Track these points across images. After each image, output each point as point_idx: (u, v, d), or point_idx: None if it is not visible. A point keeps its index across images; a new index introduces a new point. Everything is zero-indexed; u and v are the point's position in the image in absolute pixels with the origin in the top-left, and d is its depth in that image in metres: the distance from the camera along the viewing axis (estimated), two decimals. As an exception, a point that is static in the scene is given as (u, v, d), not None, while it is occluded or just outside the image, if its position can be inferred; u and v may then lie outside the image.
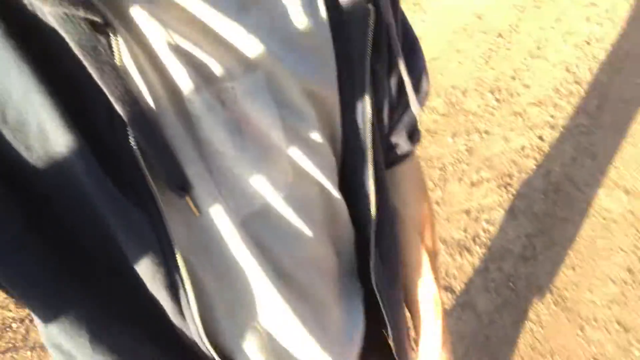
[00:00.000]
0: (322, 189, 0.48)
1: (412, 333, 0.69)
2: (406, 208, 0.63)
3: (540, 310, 1.67)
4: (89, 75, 0.33)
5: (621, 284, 1.67)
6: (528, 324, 1.64)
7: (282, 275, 0.47)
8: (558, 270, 1.77)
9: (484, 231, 1.99)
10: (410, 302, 0.67)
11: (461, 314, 1.73)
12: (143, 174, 0.36)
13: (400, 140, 0.57)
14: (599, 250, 1.79)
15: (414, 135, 0.58)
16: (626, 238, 1.80)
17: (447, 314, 1.74)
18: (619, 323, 1.57)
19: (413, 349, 0.70)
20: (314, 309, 0.51)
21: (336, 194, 0.49)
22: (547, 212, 1.97)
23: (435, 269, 0.66)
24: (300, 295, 0.49)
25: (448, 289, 1.82)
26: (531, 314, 1.67)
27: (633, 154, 2.07)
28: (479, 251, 1.92)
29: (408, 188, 0.63)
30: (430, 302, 0.65)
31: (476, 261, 1.89)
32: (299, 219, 0.47)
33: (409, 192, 0.64)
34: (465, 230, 2.02)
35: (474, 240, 1.97)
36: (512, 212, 2.02)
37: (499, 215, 2.03)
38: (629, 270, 1.70)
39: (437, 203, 2.13)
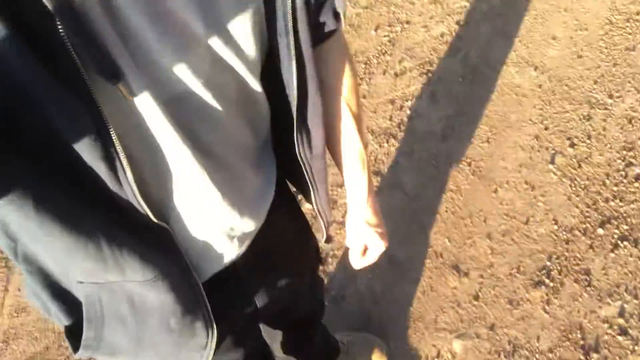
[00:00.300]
0: (239, 76, 0.54)
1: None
2: (333, 79, 0.70)
3: (460, 181, 1.85)
4: None
5: (529, 149, 1.87)
6: (449, 194, 1.82)
7: (202, 150, 0.54)
8: (475, 145, 1.94)
9: (409, 118, 2.12)
10: (339, 161, 0.77)
11: (390, 193, 1.88)
12: (75, 63, 0.40)
13: (326, 19, 0.62)
14: (511, 123, 1.97)
15: (339, 12, 0.63)
16: (534, 110, 1.99)
17: (378, 194, 1.89)
18: (526, 183, 1.78)
19: (332, 207, 0.81)
20: (231, 177, 0.60)
21: (252, 80, 0.56)
22: (465, 93, 2.11)
23: (361, 131, 0.74)
24: (218, 166, 0.57)
25: (378, 173, 1.96)
26: (451, 185, 1.84)
27: (541, 31, 2.22)
28: (404, 137, 2.06)
29: (335, 60, 0.69)
30: (356, 159, 0.75)
31: (402, 146, 2.03)
32: (217, 102, 0.53)
33: (336, 64, 0.70)
34: (390, 119, 2.14)
35: (399, 127, 2.10)
36: (433, 97, 2.14)
37: (421, 101, 2.15)
38: (536, 137, 1.90)
39: (364, 96, 2.22)
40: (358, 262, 0.85)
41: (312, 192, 0.72)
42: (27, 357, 1.82)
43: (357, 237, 0.81)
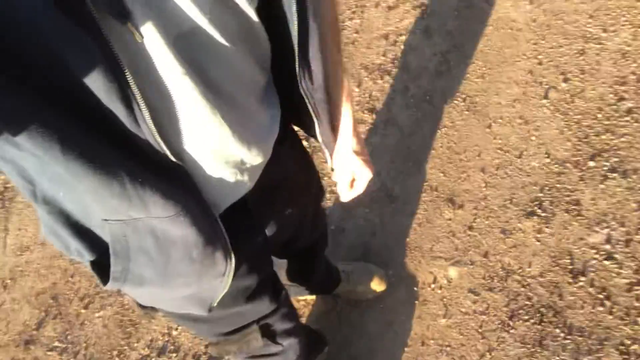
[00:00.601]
0: (241, 11, 0.56)
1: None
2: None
3: (455, 116, 1.89)
4: None
5: (523, 84, 1.91)
6: (444, 130, 1.87)
7: (211, 87, 0.57)
8: (469, 80, 1.97)
9: (403, 53, 2.12)
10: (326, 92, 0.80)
11: (385, 130, 1.92)
12: (86, 4, 0.42)
13: None
14: (506, 58, 1.99)
15: None
16: (528, 44, 2.01)
17: (373, 131, 1.92)
18: (520, 118, 1.83)
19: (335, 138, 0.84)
20: (239, 113, 0.63)
21: (252, 14, 0.58)
22: (460, 28, 2.12)
23: (343, 62, 0.79)
24: (227, 102, 0.60)
25: (372, 110, 1.98)
26: (446, 121, 1.88)
27: (538, -37, 2.20)
28: (398, 73, 2.07)
29: None
30: (341, 87, 0.79)
31: (396, 82, 2.05)
32: (223, 38, 0.55)
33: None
34: (384, 55, 2.14)
35: (393, 63, 2.10)
36: (427, 32, 2.14)
37: (415, 36, 2.15)
38: (530, 72, 1.93)
39: (357, 31, 2.20)
40: (346, 193, 0.89)
41: (316, 124, 0.76)
42: (36, 292, 1.91)
43: (345, 167, 0.86)
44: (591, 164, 1.68)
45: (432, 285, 1.53)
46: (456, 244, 1.60)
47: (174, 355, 1.71)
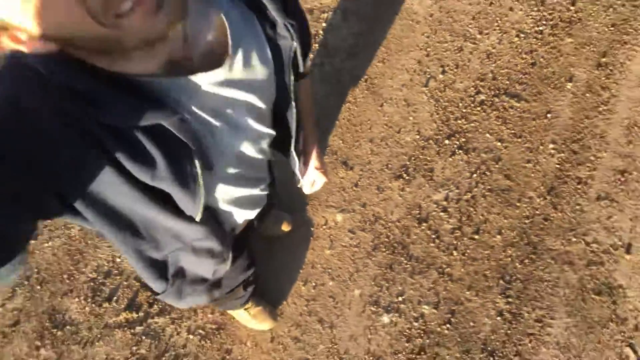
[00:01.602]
0: (266, 139, 0.98)
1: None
2: (302, 97, 1.22)
3: (357, 94, 2.50)
4: (181, 144, 0.74)
5: (412, 72, 2.53)
6: (347, 105, 2.48)
7: (244, 195, 1.05)
8: (373, 63, 2.55)
9: (323, 31, 2.64)
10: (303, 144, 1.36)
11: (303, 99, 2.49)
12: (193, 161, 0.77)
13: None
14: (403, 47, 2.58)
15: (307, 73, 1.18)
16: (422, 37, 2.60)
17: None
18: (405, 100, 2.47)
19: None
20: (255, 182, 1.15)
21: (270, 131, 0.96)
22: (373, 14, 2.65)
23: (314, 122, 1.32)
24: (249, 182, 1.08)
25: (294, 80, 2.54)
26: (350, 97, 2.49)
27: (441, -38, 2.72)
28: (318, 48, 2.60)
29: (304, 88, 1.24)
30: (311, 135, 1.33)
31: (315, 57, 2.59)
32: (256, 173, 1.04)
33: (304, 90, 1.24)
34: (309, 31, 2.65)
35: (314, 39, 2.63)
36: (345, 14, 2.66)
37: (336, 16, 2.66)
38: (419, 62, 2.55)
39: (287, 5, 2.67)
40: (308, 190, 1.47)
41: (297, 161, 1.16)
42: None
43: (309, 176, 1.40)
44: (446, 142, 2.39)
45: (324, 226, 2.25)
46: (344, 196, 2.30)
47: (119, 277, 2.22)
